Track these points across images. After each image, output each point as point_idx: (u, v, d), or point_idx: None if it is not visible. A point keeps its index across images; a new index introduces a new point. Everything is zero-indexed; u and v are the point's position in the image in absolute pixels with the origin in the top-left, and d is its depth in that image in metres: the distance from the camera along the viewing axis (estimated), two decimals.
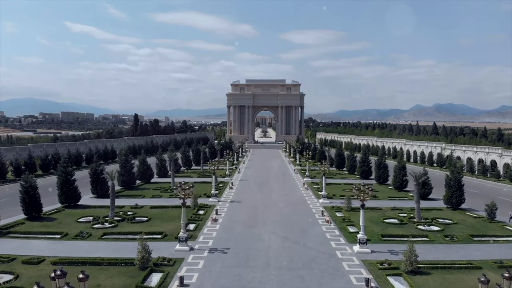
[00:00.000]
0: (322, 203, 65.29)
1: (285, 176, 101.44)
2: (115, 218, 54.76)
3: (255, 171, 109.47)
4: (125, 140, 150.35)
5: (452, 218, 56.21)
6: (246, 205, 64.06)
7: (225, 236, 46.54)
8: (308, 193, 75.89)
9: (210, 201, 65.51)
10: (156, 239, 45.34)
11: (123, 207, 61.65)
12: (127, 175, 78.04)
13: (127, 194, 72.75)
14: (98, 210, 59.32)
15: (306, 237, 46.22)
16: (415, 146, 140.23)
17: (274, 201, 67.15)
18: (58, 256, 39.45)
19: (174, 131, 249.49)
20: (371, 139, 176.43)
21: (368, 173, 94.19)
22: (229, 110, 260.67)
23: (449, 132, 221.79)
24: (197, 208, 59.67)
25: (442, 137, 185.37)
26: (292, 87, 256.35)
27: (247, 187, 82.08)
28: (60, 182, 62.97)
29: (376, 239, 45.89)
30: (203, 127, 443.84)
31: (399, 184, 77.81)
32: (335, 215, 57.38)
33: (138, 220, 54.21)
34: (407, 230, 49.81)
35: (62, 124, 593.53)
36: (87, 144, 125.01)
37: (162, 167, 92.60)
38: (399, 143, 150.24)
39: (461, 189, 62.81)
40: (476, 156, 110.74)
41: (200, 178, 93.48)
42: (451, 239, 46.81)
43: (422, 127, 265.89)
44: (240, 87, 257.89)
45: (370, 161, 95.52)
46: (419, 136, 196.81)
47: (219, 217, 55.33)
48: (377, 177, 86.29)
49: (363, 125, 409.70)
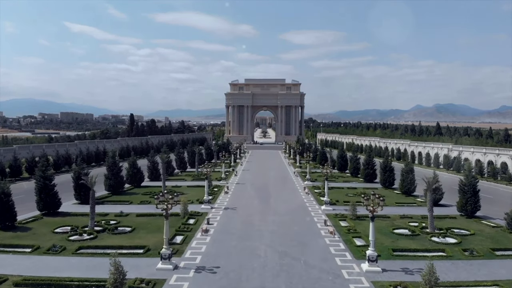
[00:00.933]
0: (325, 210, 59.89)
1: (284, 179, 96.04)
2: (96, 228, 49.48)
3: (253, 174, 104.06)
4: (119, 141, 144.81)
5: (468, 228, 50.85)
6: (241, 212, 58.63)
7: (215, 251, 41.11)
8: (309, 198, 70.48)
9: (203, 208, 60.09)
10: (137, 255, 40.02)
11: (106, 214, 56.37)
12: (115, 178, 72.63)
13: (113, 200, 67.34)
14: (79, 219, 53.98)
15: (307, 252, 40.80)
16: (420, 147, 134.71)
17: (273, 208, 61.75)
18: (22, 276, 34.23)
19: (171, 132, 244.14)
20: (373, 140, 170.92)
21: (372, 176, 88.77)
22: (227, 110, 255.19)
23: (453, 133, 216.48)
24: (187, 216, 54.22)
25: (446, 137, 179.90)
26: (292, 87, 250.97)
27: (243, 192, 76.65)
28: (38, 187, 57.61)
29: (387, 254, 40.50)
30: (202, 127, 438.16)
31: (406, 188, 72.40)
32: (339, 224, 51.95)
33: (121, 230, 48.85)
34: (420, 243, 44.43)
35: (61, 125, 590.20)
36: (78, 145, 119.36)
37: (154, 169, 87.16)
38: (403, 144, 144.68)
39: (477, 195, 57.45)
40: (486, 158, 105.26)
41: (194, 181, 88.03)
42: (470, 253, 41.42)
43: (425, 127, 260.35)
44: (239, 87, 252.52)
45: (375, 163, 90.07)
46: (422, 137, 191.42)
47: (211, 227, 49.88)
48: (383, 180, 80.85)
49: (364, 125, 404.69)
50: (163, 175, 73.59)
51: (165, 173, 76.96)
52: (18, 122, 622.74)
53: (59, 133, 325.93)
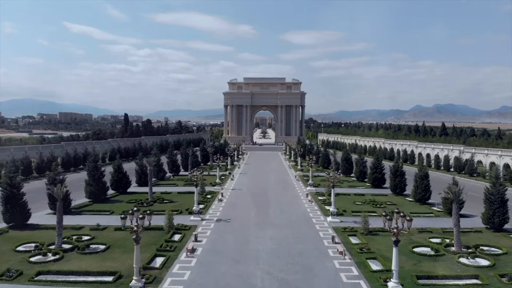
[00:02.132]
0: (331, 222, 52.51)
1: (285, 184, 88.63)
2: (65, 245, 42.26)
3: (251, 178, 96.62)
4: (109, 142, 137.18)
5: (498, 245, 43.56)
6: (236, 225, 51.19)
7: (201, 279, 33.68)
8: (313, 207, 63.11)
9: (192, 220, 52.67)
10: (105, 284, 32.70)
11: (81, 228, 49.12)
12: (96, 185, 65.25)
13: (92, 210, 59.92)
14: (48, 233, 46.51)
15: (313, 281, 33.45)
16: (428, 149, 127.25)
17: (272, 219, 54.37)
18: None
19: (168, 132, 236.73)
20: (377, 141, 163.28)
21: (381, 181, 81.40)
22: (226, 109, 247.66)
23: (459, 133, 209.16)
24: (172, 231, 46.84)
25: (453, 138, 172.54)
26: (292, 86, 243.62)
27: (239, 199, 69.21)
28: (4, 196, 50.31)
29: (410, 283, 33.14)
30: (201, 128, 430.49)
31: (421, 196, 65.04)
32: (349, 241, 44.55)
33: (93, 249, 41.53)
34: (448, 267, 37.12)
35: (59, 125, 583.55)
36: (64, 147, 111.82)
37: (142, 174, 79.71)
38: (410, 145, 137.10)
39: (505, 205, 50.18)
40: (501, 161, 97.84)
41: (186, 186, 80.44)
42: (509, 280, 34.15)
43: (428, 127, 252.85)
44: (238, 86, 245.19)
45: (383, 167, 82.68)
46: (428, 137, 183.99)
47: (199, 245, 42.49)
48: (393, 186, 73.43)
49: (366, 125, 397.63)
50: (150, 180, 66.45)
51: (152, 179, 69.81)
52: (16, 122, 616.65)
53: (56, 134, 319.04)
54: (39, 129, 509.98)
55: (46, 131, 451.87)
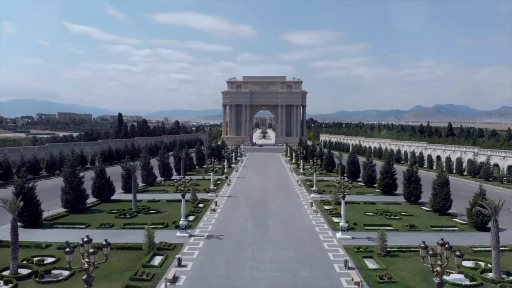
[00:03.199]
0: (342, 239, 44.96)
1: (286, 190, 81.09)
2: (21, 270, 34.98)
3: (249, 183, 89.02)
4: (100, 144, 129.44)
5: None
6: (229, 244, 43.44)
7: None
8: (319, 219, 55.57)
9: (178, 237, 45.11)
10: None
11: (48, 246, 41.76)
12: (74, 193, 57.75)
13: (66, 222, 52.26)
14: (6, 253, 38.94)
15: None
16: (438, 151, 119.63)
17: (272, 236, 46.78)
18: None
19: (164, 133, 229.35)
20: (383, 142, 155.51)
21: (392, 187, 73.89)
22: (224, 109, 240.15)
23: (466, 134, 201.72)
24: (153, 252, 39.29)
25: (462, 139, 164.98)
26: (293, 85, 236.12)
27: (235, 210, 61.57)
28: None
29: None
30: (201, 128, 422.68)
31: (440, 205, 57.55)
32: (365, 265, 36.99)
33: (54, 275, 34.18)
34: None
35: (57, 125, 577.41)
36: (49, 149, 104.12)
37: (129, 179, 72.13)
38: (418, 146, 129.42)
39: None
40: None
41: (177, 193, 72.12)
42: None
43: (434, 128, 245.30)
44: (236, 85, 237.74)
45: (395, 171, 75.17)
46: (434, 138, 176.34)
47: (183, 272, 34.90)
48: (407, 193, 65.90)
49: (368, 125, 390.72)
50: (134, 188, 58.99)
51: (137, 185, 62.54)
52: (14, 122, 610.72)
53: (54, 134, 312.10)
54: (37, 129, 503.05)
55: (44, 131, 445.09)
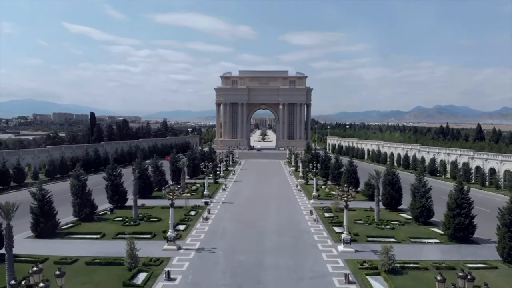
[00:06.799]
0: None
1: (294, 230, 50.98)
2: None
3: (236, 216, 59.01)
4: (48, 151, 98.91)
5: None
6: None
7: None
8: None
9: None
10: None
11: None
12: None
13: None
14: None
15: None
16: (492, 162, 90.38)
17: None
18: None
19: (149, 135, 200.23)
20: (410, 148, 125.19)
21: None
22: (218, 108, 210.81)
23: (497, 138, 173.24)
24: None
25: (502, 144, 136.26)
26: (296, 80, 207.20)
27: (209, 276, 32.42)
28: None
29: None
30: (197, 129, 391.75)
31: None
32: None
33: None
34: None
35: (51, 126, 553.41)
36: None
37: None
38: (462, 155, 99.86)
39: None
40: None
41: None
42: None
43: (456, 130, 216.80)
44: (232, 80, 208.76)
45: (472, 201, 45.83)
46: (462, 143, 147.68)
47: None
48: None
49: (375, 127, 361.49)
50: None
51: None
52: (6, 123, 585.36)
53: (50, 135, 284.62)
54: (30, 130, 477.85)
55: (36, 132, 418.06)
